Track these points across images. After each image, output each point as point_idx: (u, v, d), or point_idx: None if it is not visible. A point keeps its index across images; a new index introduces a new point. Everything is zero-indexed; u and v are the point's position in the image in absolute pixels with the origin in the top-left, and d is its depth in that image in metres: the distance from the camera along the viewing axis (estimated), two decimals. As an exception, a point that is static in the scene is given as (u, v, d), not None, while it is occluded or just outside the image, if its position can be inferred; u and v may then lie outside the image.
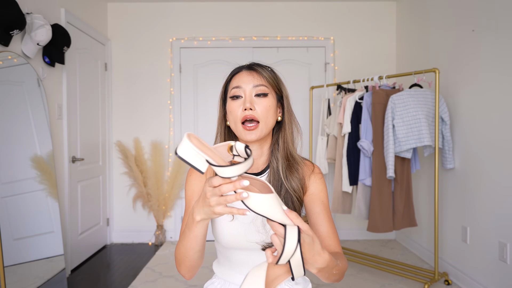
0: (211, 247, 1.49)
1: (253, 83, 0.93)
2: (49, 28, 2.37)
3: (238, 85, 0.94)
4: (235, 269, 0.99)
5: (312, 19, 3.75)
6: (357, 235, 3.72)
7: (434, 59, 2.98)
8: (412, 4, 3.40)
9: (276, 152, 0.97)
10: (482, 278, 2.36)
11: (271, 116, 0.93)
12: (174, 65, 3.74)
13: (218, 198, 0.65)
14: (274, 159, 0.96)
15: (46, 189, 2.42)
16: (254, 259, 0.95)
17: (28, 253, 2.23)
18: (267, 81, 0.94)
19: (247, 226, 0.92)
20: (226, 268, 1.01)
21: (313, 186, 0.97)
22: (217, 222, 0.95)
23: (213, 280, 1.06)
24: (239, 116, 0.92)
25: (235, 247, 0.94)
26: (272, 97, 0.94)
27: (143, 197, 3.63)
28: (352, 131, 2.77)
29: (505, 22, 2.17)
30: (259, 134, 0.91)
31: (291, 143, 0.97)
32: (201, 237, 0.81)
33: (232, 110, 0.93)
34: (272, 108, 0.93)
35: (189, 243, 0.82)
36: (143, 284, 2.63)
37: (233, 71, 1.00)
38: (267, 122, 0.92)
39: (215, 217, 0.69)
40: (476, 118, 2.44)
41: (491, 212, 2.28)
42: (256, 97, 0.92)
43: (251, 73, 0.95)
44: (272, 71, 0.98)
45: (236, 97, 0.93)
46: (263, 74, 0.95)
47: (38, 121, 2.44)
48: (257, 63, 0.99)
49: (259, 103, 0.92)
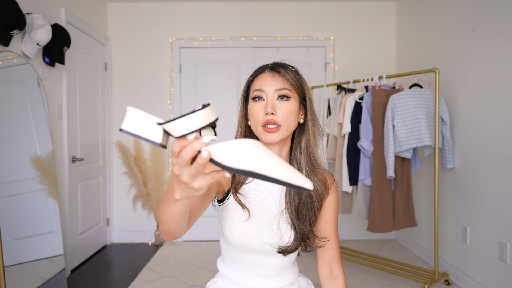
0: (212, 247, 1.49)
1: (275, 86, 0.91)
2: (49, 28, 2.37)
3: (260, 87, 0.92)
4: (241, 270, 0.97)
5: (312, 19, 3.75)
6: (357, 235, 3.72)
7: (434, 59, 2.98)
8: (412, 4, 3.40)
9: (298, 154, 0.96)
10: (482, 278, 2.36)
11: (293, 120, 0.92)
12: (174, 65, 3.74)
13: (189, 171, 0.50)
14: (296, 162, 0.95)
15: (46, 189, 2.42)
16: (263, 261, 0.95)
17: (28, 253, 2.23)
18: (290, 83, 0.92)
19: (262, 228, 0.92)
20: (232, 268, 0.99)
21: (332, 197, 1.00)
22: (229, 222, 0.94)
23: (216, 279, 1.04)
24: (260, 119, 0.90)
25: (247, 249, 0.93)
26: (295, 101, 0.92)
27: (143, 197, 3.63)
28: (352, 131, 2.77)
29: (505, 22, 2.17)
30: (280, 136, 0.90)
31: (314, 146, 0.96)
32: (181, 215, 0.67)
33: (254, 112, 0.92)
34: (294, 112, 0.92)
35: (168, 214, 0.67)
36: (143, 284, 2.63)
37: (256, 71, 0.97)
38: (288, 125, 0.91)
39: (198, 194, 0.54)
40: (476, 118, 2.44)
41: (491, 212, 2.28)
42: (278, 100, 0.91)
43: (274, 75, 0.92)
44: (296, 72, 0.96)
45: (258, 99, 0.92)
46: (286, 76, 0.92)
47: (38, 121, 2.44)
48: (281, 63, 0.96)
49: (281, 107, 0.90)
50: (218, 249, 3.38)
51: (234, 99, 3.76)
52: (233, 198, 0.93)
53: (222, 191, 0.96)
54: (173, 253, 3.33)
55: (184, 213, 0.67)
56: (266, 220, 0.92)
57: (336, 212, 1.01)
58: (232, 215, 0.93)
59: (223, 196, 0.96)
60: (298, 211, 0.92)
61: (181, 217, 0.68)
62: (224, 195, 0.96)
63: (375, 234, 3.66)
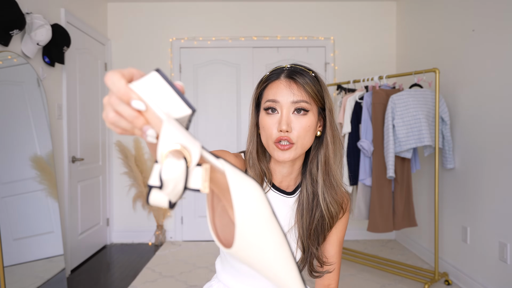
0: (213, 247, 1.49)
1: (292, 98, 0.80)
2: (49, 28, 2.37)
3: (275, 98, 0.81)
4: (239, 278, 0.93)
5: (312, 19, 3.75)
6: (357, 235, 3.72)
7: (434, 59, 2.97)
8: (412, 4, 3.40)
9: (314, 170, 0.86)
10: (482, 278, 2.36)
11: (310, 137, 0.82)
12: (174, 65, 3.74)
13: (114, 113, 0.39)
14: (311, 178, 0.86)
15: (46, 189, 2.42)
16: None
17: (28, 253, 2.23)
18: (309, 94, 0.81)
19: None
20: (229, 274, 0.95)
21: (343, 218, 0.91)
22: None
23: (212, 283, 1.00)
24: (273, 135, 0.80)
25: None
26: (313, 114, 0.82)
27: (143, 197, 3.63)
28: (352, 131, 2.77)
29: (505, 22, 2.17)
30: (293, 155, 0.80)
31: (334, 164, 0.85)
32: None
33: (266, 126, 0.81)
34: (312, 128, 0.81)
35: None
36: (143, 284, 2.63)
37: (270, 76, 0.85)
38: (304, 143, 0.81)
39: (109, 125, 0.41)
40: (476, 118, 2.44)
41: (491, 212, 2.28)
42: (294, 114, 0.80)
43: (291, 84, 0.81)
44: (315, 78, 0.84)
45: (271, 110, 0.81)
46: (304, 87, 0.81)
47: (38, 121, 2.44)
48: (298, 68, 0.84)
49: (297, 122, 0.80)
50: (218, 249, 3.38)
51: (234, 99, 3.76)
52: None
53: None
54: (173, 253, 3.33)
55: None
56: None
57: (343, 232, 0.93)
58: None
59: None
60: (310, 232, 0.85)
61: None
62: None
63: (375, 234, 3.66)
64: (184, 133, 0.38)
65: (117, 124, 0.39)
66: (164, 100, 0.39)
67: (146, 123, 0.39)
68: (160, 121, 0.38)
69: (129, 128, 0.39)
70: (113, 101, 0.38)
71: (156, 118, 0.39)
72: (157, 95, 0.39)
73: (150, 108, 0.38)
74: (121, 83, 0.37)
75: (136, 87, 0.38)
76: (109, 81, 0.38)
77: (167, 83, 0.39)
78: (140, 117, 0.38)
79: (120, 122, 0.39)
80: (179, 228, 3.74)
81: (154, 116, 0.39)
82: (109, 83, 0.38)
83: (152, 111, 0.38)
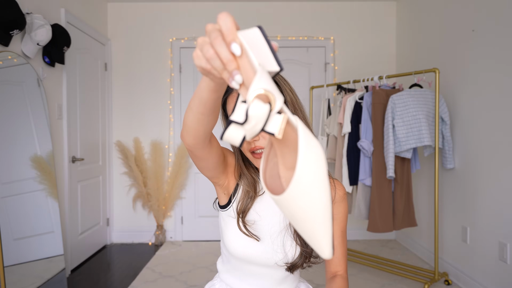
0: (213, 247, 1.48)
1: None
2: (49, 28, 2.37)
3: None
4: (240, 278, 0.93)
5: (312, 19, 3.75)
6: (357, 235, 3.72)
7: (434, 59, 2.97)
8: (412, 4, 3.40)
9: None
10: (482, 278, 2.36)
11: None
12: (174, 65, 3.74)
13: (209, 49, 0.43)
14: None
15: (46, 189, 2.42)
16: (264, 273, 0.91)
17: (28, 253, 2.23)
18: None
19: (265, 244, 0.87)
20: (231, 274, 0.95)
21: (340, 207, 0.93)
22: (231, 232, 0.89)
23: (214, 282, 1.00)
24: (245, 147, 0.85)
25: (248, 261, 0.89)
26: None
27: (143, 197, 3.63)
28: (352, 131, 2.77)
29: (505, 22, 2.17)
30: None
31: None
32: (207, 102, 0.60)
33: None
34: None
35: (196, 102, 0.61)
36: (143, 284, 2.63)
37: (228, 89, 0.86)
38: None
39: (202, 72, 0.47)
40: (476, 118, 2.44)
41: (491, 212, 2.28)
42: None
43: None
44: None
45: None
46: None
47: (38, 121, 2.44)
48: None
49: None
50: (218, 249, 3.38)
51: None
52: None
53: (227, 193, 0.93)
54: (173, 253, 3.33)
55: (209, 101, 0.59)
56: (270, 237, 0.88)
57: (345, 223, 0.94)
58: (234, 225, 0.90)
59: (227, 202, 0.93)
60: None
61: (208, 106, 0.61)
62: (228, 201, 0.93)
63: (375, 234, 3.66)
64: (272, 84, 0.42)
65: (211, 61, 0.42)
66: (260, 53, 0.43)
67: (237, 68, 0.43)
68: (250, 71, 0.43)
69: (220, 69, 0.43)
70: (216, 41, 0.41)
71: (247, 67, 0.43)
72: (255, 47, 0.43)
73: (247, 55, 0.43)
74: (232, 24, 0.41)
75: (240, 34, 0.43)
76: (223, 19, 0.41)
77: (265, 39, 0.43)
78: (234, 61, 0.42)
79: (214, 61, 0.42)
80: (179, 228, 3.74)
81: (246, 64, 0.43)
82: (221, 21, 0.41)
83: (246, 60, 0.43)
